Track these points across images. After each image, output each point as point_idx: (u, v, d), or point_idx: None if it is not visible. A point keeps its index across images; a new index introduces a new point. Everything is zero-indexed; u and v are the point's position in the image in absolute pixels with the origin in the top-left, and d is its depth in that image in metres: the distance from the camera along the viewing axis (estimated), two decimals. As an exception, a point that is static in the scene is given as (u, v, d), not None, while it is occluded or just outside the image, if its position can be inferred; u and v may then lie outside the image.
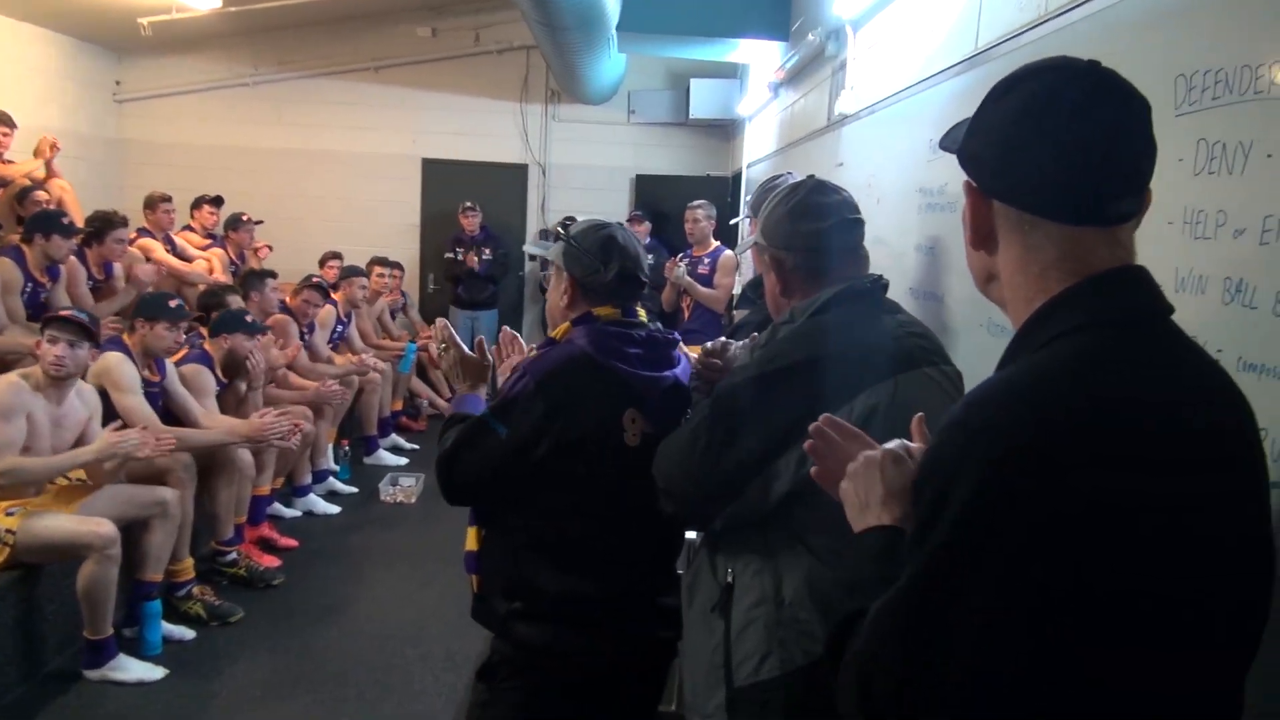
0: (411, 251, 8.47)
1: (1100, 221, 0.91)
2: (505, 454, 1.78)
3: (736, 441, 1.47)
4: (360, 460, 6.18)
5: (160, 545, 3.58)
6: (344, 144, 8.43)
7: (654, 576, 1.87)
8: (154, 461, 3.66)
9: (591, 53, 5.75)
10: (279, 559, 4.52)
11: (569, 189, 8.51)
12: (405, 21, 8.17)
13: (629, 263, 1.86)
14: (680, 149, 8.48)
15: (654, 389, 1.83)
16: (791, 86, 5.36)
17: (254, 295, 5.29)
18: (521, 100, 8.38)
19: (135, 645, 3.53)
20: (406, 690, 3.46)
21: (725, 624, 1.52)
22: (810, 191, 1.63)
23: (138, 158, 8.24)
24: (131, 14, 6.69)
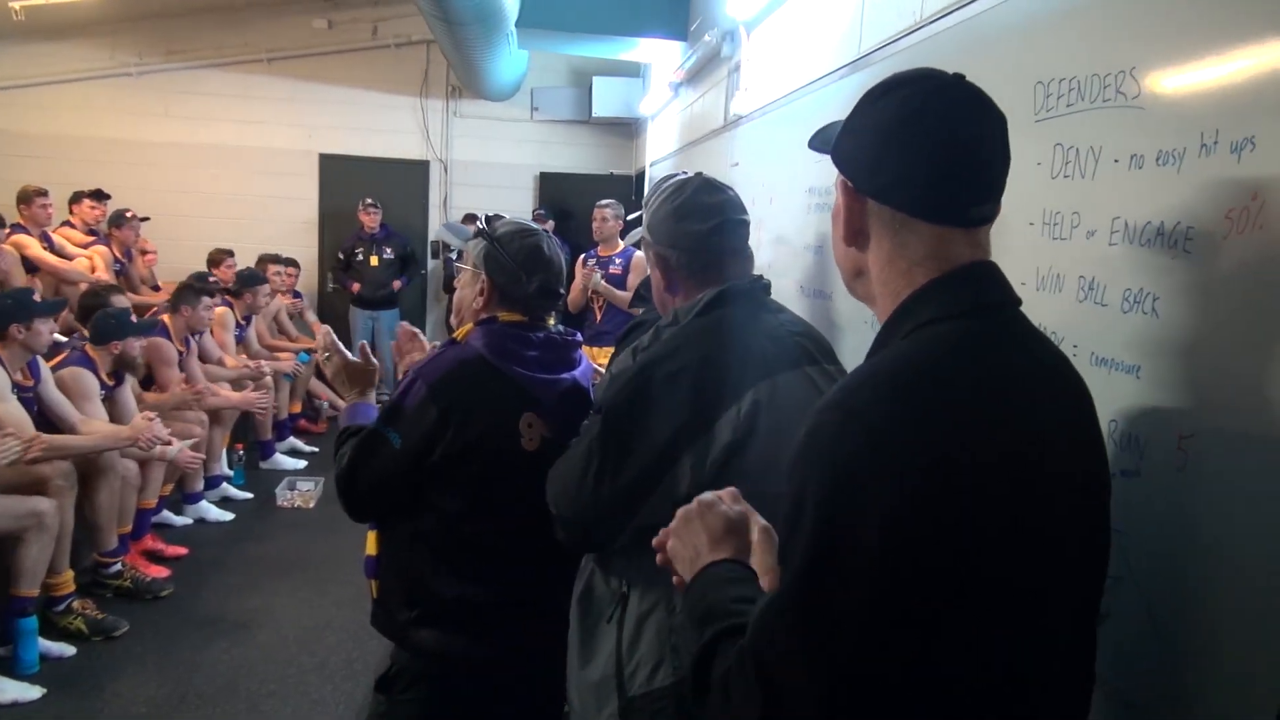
0: (310, 250, 8.27)
1: (964, 223, 0.98)
2: (402, 462, 1.76)
3: (630, 456, 1.45)
4: (256, 465, 6.00)
5: (36, 559, 3.41)
6: (236, 138, 8.15)
7: (555, 582, 1.86)
8: (30, 470, 3.49)
9: (490, 48, 5.70)
10: (168, 569, 4.36)
11: (472, 186, 8.42)
12: (300, 12, 7.96)
13: (552, 277, 1.85)
14: (584, 147, 8.47)
15: (550, 392, 1.82)
16: (691, 86, 5.42)
17: (185, 309, 5.06)
18: (422, 95, 8.25)
19: (9, 664, 3.36)
20: (303, 700, 3.38)
21: (618, 633, 1.51)
22: (696, 190, 1.64)
23: (9, 150, 7.80)
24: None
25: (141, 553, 4.37)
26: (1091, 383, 1.04)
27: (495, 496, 1.78)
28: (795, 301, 2.83)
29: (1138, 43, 1.37)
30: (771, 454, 1.46)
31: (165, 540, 4.61)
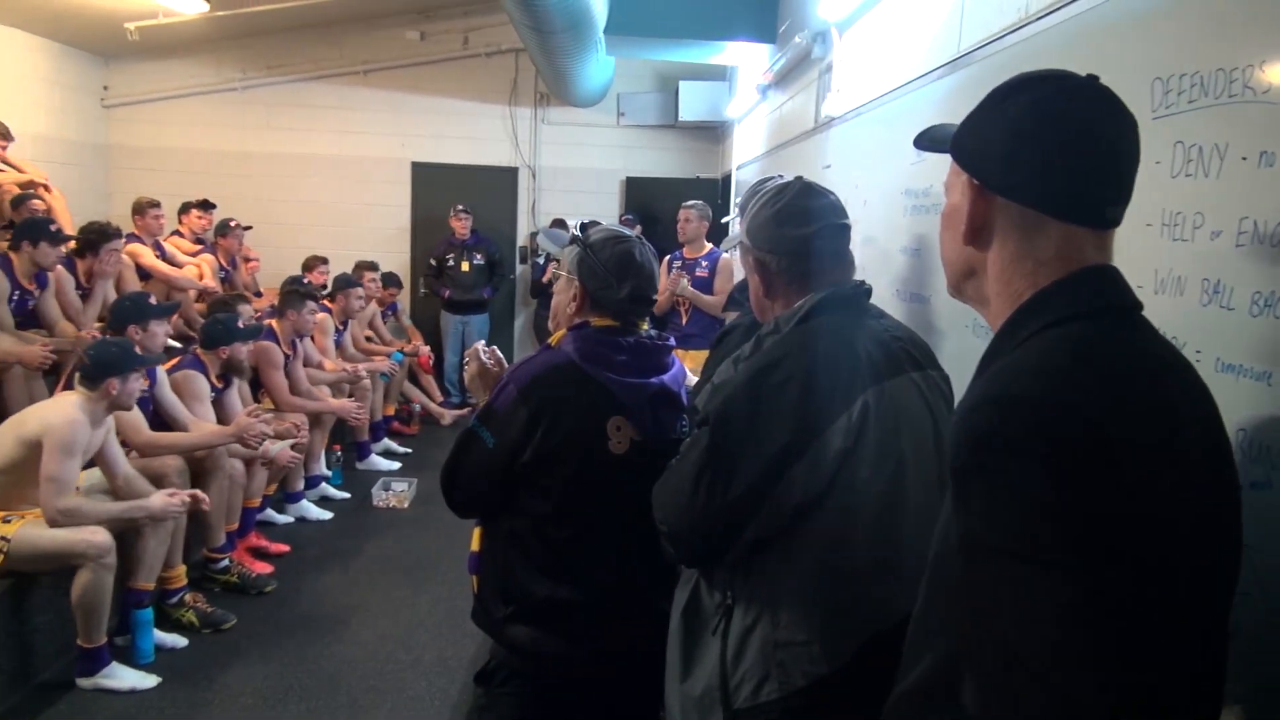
0: (402, 256, 8.47)
1: (1098, 223, 0.98)
2: (495, 462, 1.79)
3: (740, 467, 1.44)
4: (353, 465, 6.18)
5: (153, 553, 3.58)
6: (333, 148, 8.42)
7: (644, 585, 1.86)
8: (149, 466, 3.68)
9: (580, 56, 5.76)
10: (271, 566, 4.52)
11: (559, 191, 8.52)
12: (394, 25, 8.17)
13: (643, 283, 1.86)
14: (670, 151, 8.49)
15: (639, 396, 1.83)
16: (779, 89, 5.38)
17: (290, 313, 5.26)
18: (511, 103, 8.38)
19: (128, 653, 3.53)
20: (399, 696, 3.46)
21: (722, 646, 1.51)
22: (797, 194, 1.62)
23: (125, 163, 8.22)
24: (118, 18, 6.69)
25: (247, 549, 4.54)
26: (1216, 390, 0.99)
27: (584, 499, 1.80)
28: (891, 305, 2.79)
29: (1266, 34, 1.31)
30: (883, 460, 1.45)
31: (269, 538, 4.78)
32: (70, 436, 3.22)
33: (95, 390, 3.33)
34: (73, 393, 3.39)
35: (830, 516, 1.44)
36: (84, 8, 6.53)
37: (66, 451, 3.21)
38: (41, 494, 3.21)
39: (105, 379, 3.32)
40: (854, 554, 1.45)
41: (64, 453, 3.20)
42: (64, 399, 3.36)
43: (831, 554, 1.45)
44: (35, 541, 3.23)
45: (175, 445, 3.95)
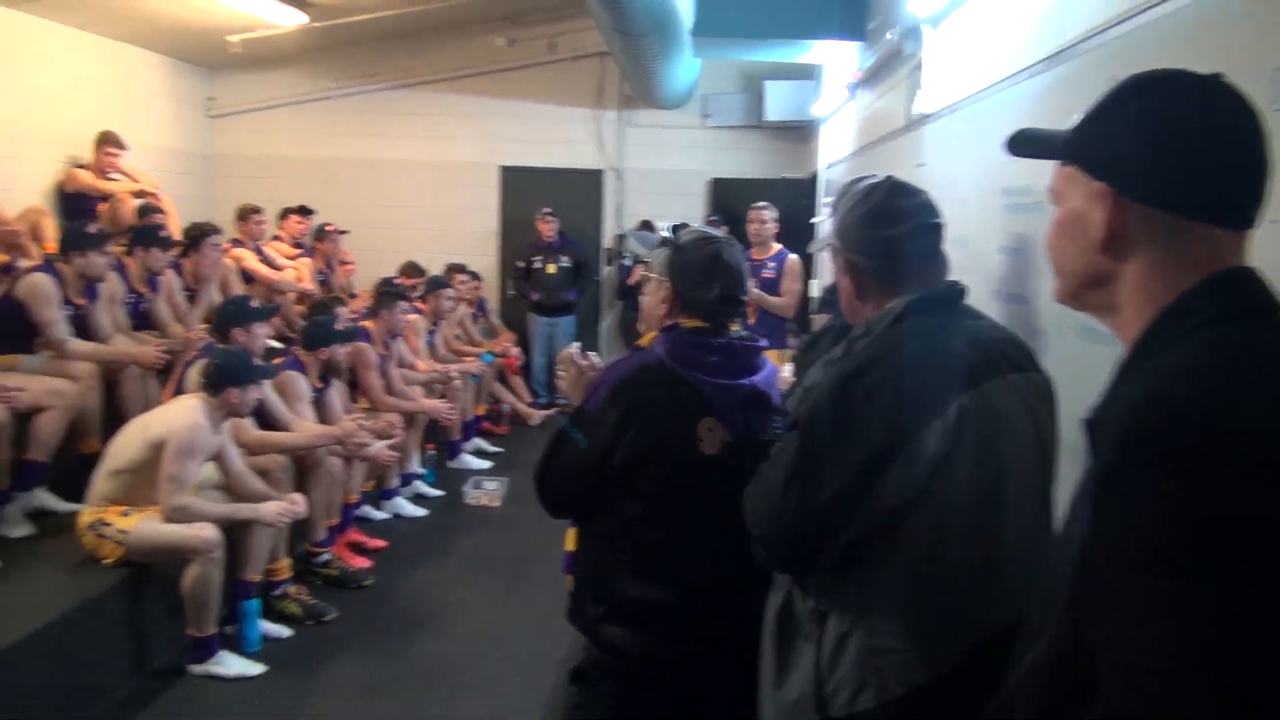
0: (490, 258, 8.62)
1: (1240, 225, 0.95)
2: (587, 463, 1.81)
3: (831, 471, 1.43)
4: (444, 464, 6.32)
5: (260, 546, 3.73)
6: (424, 153, 8.61)
7: (735, 586, 1.85)
8: (255, 464, 3.83)
9: (666, 58, 5.78)
10: (369, 561, 4.66)
11: (644, 193, 8.55)
12: (482, 32, 8.31)
13: (732, 284, 1.87)
14: (756, 152, 8.45)
15: (730, 397, 1.83)
16: (869, 87, 5.31)
17: (384, 314, 5.41)
18: (596, 106, 8.45)
19: (236, 642, 3.68)
20: (493, 691, 3.53)
21: (816, 652, 1.50)
22: (887, 194, 1.60)
23: (229, 171, 8.56)
24: (221, 32, 6.97)
25: (346, 544, 4.69)
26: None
27: (675, 500, 1.81)
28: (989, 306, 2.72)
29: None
30: (982, 464, 1.43)
31: (367, 533, 4.93)
32: (191, 440, 3.38)
33: (216, 398, 3.49)
34: (194, 398, 3.56)
35: (926, 522, 1.42)
36: (192, 23, 6.83)
37: (187, 453, 3.37)
38: (160, 492, 3.37)
39: (227, 388, 3.49)
40: (951, 560, 1.42)
41: (185, 454, 3.37)
42: (186, 404, 3.52)
43: (928, 560, 1.42)
44: (151, 536, 3.40)
45: (281, 445, 4.10)
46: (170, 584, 3.53)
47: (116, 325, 4.68)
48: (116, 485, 3.49)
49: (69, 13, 6.30)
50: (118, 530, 3.39)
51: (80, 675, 3.21)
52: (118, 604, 3.42)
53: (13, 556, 3.50)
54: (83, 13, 6.36)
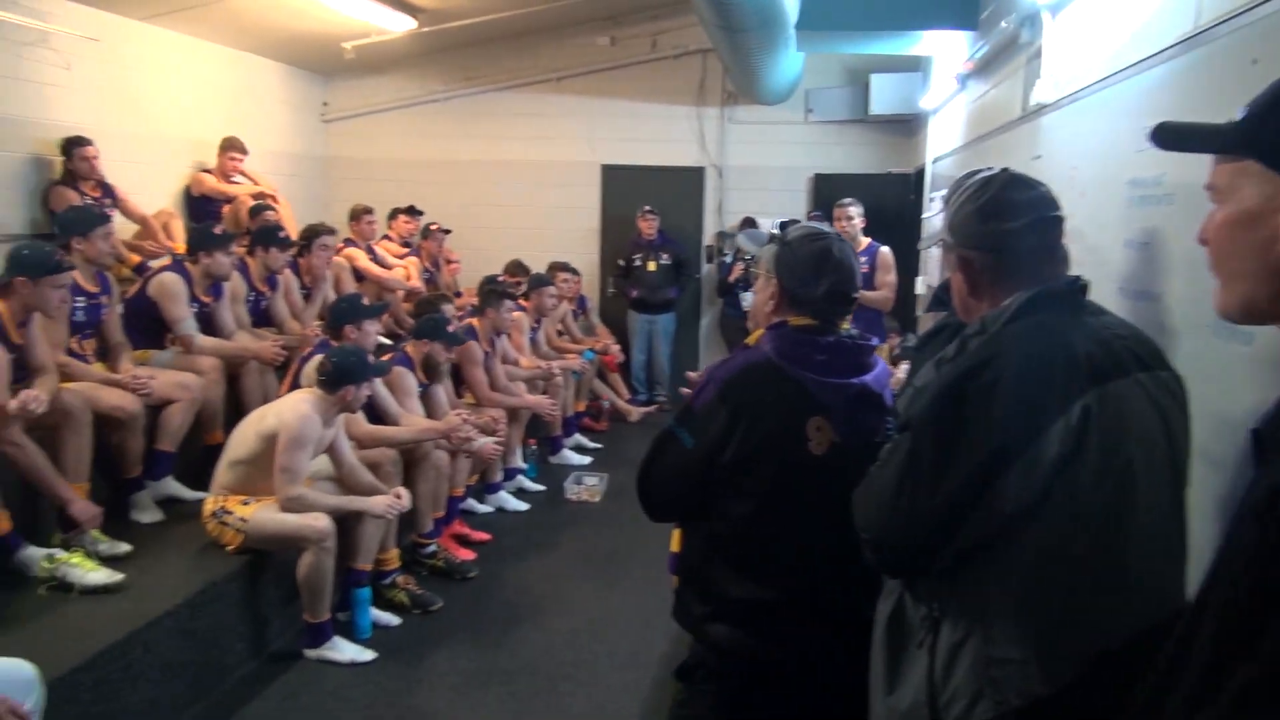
0: (591, 256, 8.69)
1: None
2: (693, 463, 1.80)
3: (945, 474, 1.39)
4: (546, 459, 6.40)
5: (371, 536, 3.84)
6: (527, 153, 8.74)
7: (842, 586, 1.81)
8: (365, 457, 3.95)
9: (770, 53, 5.71)
10: (473, 553, 4.75)
11: (746, 190, 8.48)
12: (585, 32, 8.38)
13: (842, 280, 1.83)
14: (859, 146, 8.28)
15: (839, 396, 1.80)
16: (981, 77, 5.14)
17: (490, 311, 5.51)
18: (698, 104, 8.42)
19: (348, 628, 3.81)
20: (594, 685, 3.56)
21: (929, 660, 1.45)
22: (1004, 187, 1.53)
23: (342, 172, 8.86)
24: (336, 39, 7.21)
25: (452, 536, 4.79)
26: None
27: (781, 500, 1.78)
28: (1113, 303, 2.59)
29: None
30: (1108, 467, 1.36)
31: (471, 526, 5.03)
32: (303, 432, 3.50)
33: (332, 394, 3.61)
34: (307, 392, 3.69)
35: (1047, 527, 1.36)
36: (309, 31, 7.08)
37: (299, 445, 3.50)
38: (276, 482, 3.51)
39: (343, 385, 3.61)
40: (1075, 567, 1.36)
41: (296, 446, 3.49)
42: (299, 398, 3.66)
43: (1049, 566, 1.36)
44: (267, 524, 3.54)
45: (390, 439, 4.22)
46: (287, 571, 3.68)
47: (238, 322, 4.89)
48: (236, 475, 3.65)
49: (198, 25, 6.62)
50: (238, 518, 3.55)
51: (207, 654, 3.38)
52: (239, 588, 3.58)
53: (144, 541, 3.69)
54: (210, 25, 6.67)
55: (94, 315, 4.02)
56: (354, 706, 3.37)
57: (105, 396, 3.74)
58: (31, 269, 3.31)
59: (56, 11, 5.60)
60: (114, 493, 3.90)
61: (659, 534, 2.04)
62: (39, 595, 3.17)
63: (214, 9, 6.27)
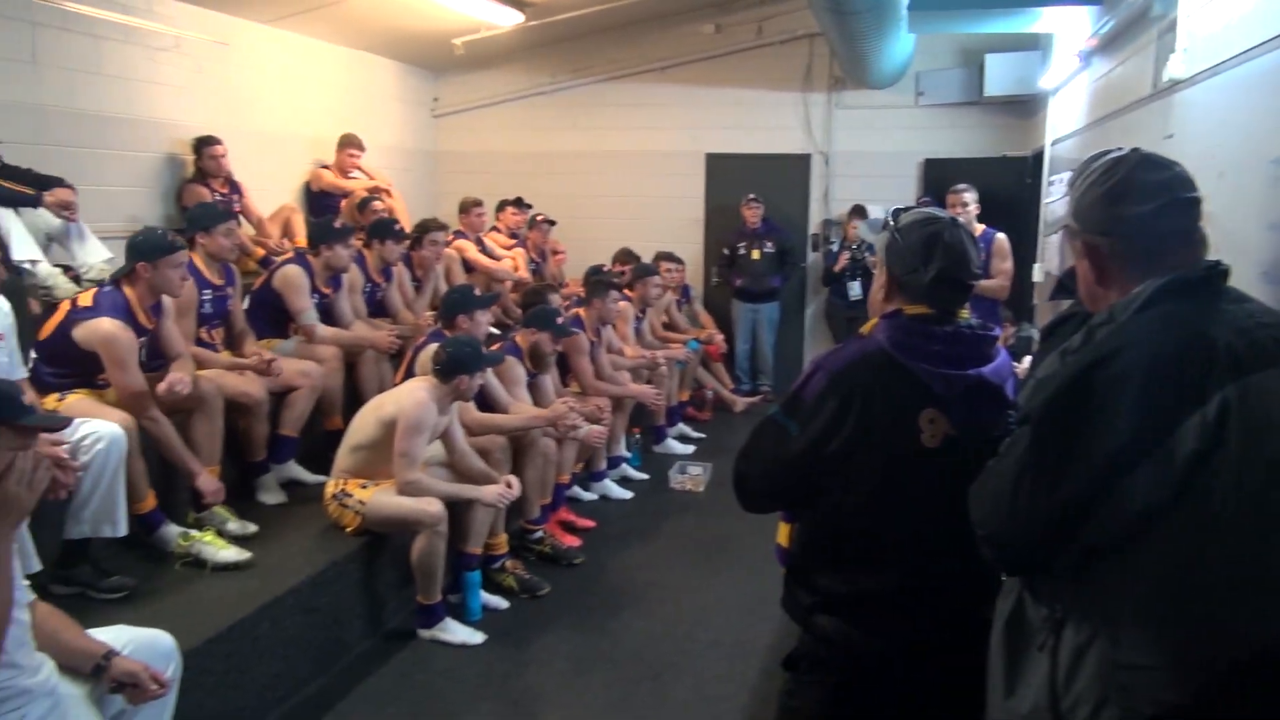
0: (695, 245, 8.67)
1: None
2: (796, 452, 1.77)
3: (1069, 470, 1.33)
4: (650, 448, 6.43)
5: (481, 521, 3.93)
6: (631, 144, 8.77)
7: (952, 580, 1.76)
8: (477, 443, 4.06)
9: (881, 36, 5.59)
10: (579, 539, 4.82)
11: (853, 177, 8.31)
12: (689, 21, 8.35)
13: (951, 265, 1.77)
14: (972, 129, 8.01)
15: (955, 387, 1.74)
16: (1105, 54, 4.90)
17: (596, 302, 5.56)
18: (804, 90, 8.29)
19: (459, 610, 3.91)
20: (700, 674, 3.56)
21: (1051, 663, 1.40)
22: (1134, 168, 1.45)
23: (451, 167, 9.07)
24: (447, 35, 7.38)
25: (558, 522, 4.86)
26: None
27: (891, 492, 1.74)
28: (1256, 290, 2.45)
29: None
30: (1250, 465, 1.28)
31: (576, 513, 5.09)
32: (420, 419, 3.61)
33: (447, 383, 3.71)
34: (423, 380, 3.80)
35: (1182, 526, 1.29)
36: (421, 29, 7.27)
37: (415, 431, 3.61)
38: (393, 467, 3.63)
39: (457, 375, 3.70)
40: (1213, 569, 1.29)
41: (413, 432, 3.60)
42: (417, 386, 3.77)
43: (1184, 568, 1.29)
44: (384, 507, 3.66)
45: (499, 426, 4.31)
46: (402, 553, 3.80)
47: (356, 312, 5.07)
48: (356, 460, 3.78)
49: (318, 26, 6.88)
50: (358, 501, 3.68)
51: (327, 630, 3.52)
52: (358, 569, 3.72)
53: (268, 521, 3.87)
54: (329, 26, 6.92)
55: (220, 306, 4.22)
56: (465, 686, 3.46)
57: (233, 383, 3.93)
58: (149, 253, 3.46)
59: (189, 18, 5.90)
60: (241, 475, 4.10)
61: (763, 524, 2.02)
62: (175, 570, 3.36)
63: (333, 10, 6.50)
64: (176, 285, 3.58)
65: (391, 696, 3.38)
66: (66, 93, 5.16)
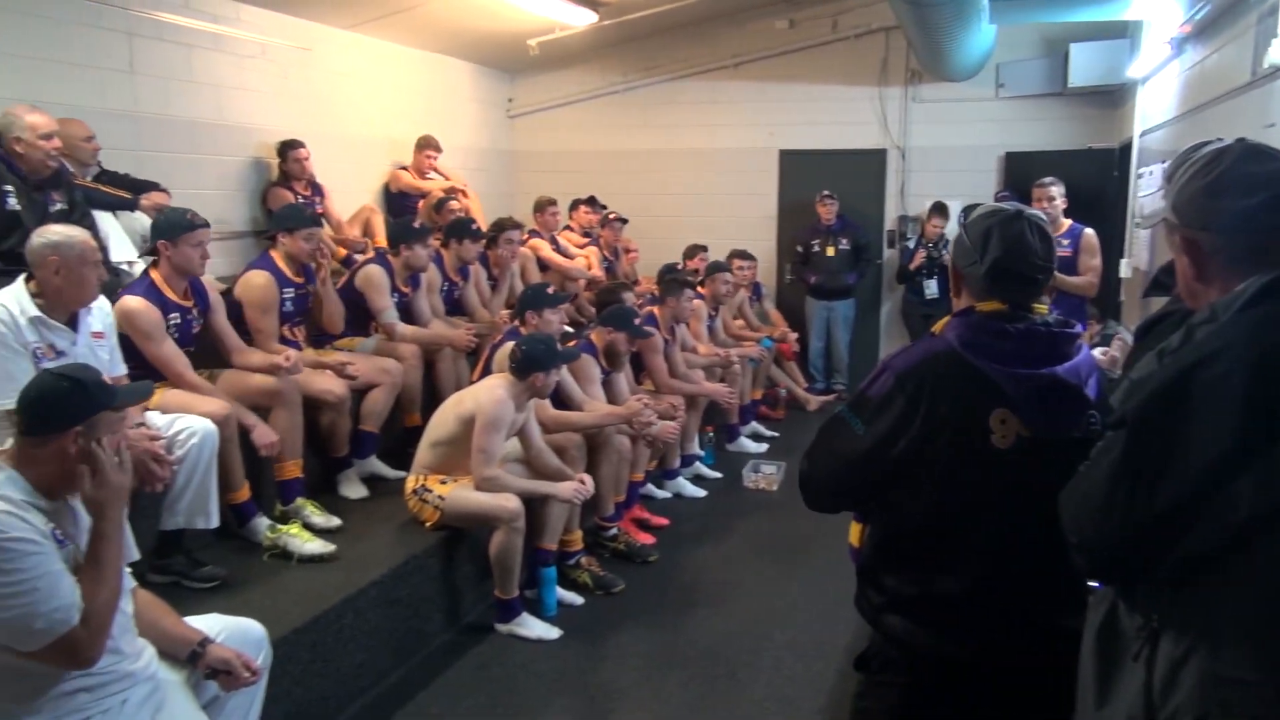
0: (768, 242, 8.61)
1: None
2: (862, 452, 1.74)
3: (1167, 475, 1.28)
4: (723, 447, 6.41)
5: (557, 517, 3.97)
6: (703, 141, 8.74)
7: (1023, 583, 1.71)
8: (553, 440, 4.10)
9: (961, 28, 5.46)
10: (653, 537, 4.82)
11: (930, 172, 8.15)
12: (762, 16, 8.29)
13: (1006, 256, 1.71)
14: (1056, 121, 7.78)
15: (1027, 387, 1.68)
16: (1200, 41, 4.72)
17: (670, 300, 5.56)
18: (880, 84, 8.16)
19: (535, 606, 3.95)
20: (776, 674, 3.54)
21: (1146, 674, 1.35)
22: (1238, 159, 1.38)
23: (526, 166, 9.17)
24: (522, 37, 7.47)
25: (632, 520, 4.88)
26: None
27: (963, 493, 1.70)
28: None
29: None
30: None
31: (650, 511, 5.10)
32: (498, 416, 3.67)
33: (523, 380, 3.76)
34: (501, 378, 3.85)
35: None
36: (497, 31, 7.36)
37: (493, 428, 3.66)
38: (472, 462, 3.68)
39: (533, 372, 3.75)
40: None
41: (491, 429, 3.66)
42: (494, 383, 3.82)
43: None
44: (462, 503, 3.72)
45: (575, 423, 4.35)
46: (480, 548, 3.86)
47: (434, 311, 5.15)
48: (435, 455, 3.85)
49: (396, 30, 7.02)
50: (437, 496, 3.75)
51: (408, 622, 3.59)
52: (437, 562, 3.78)
53: (351, 515, 3.96)
54: (407, 30, 7.05)
55: (301, 304, 4.32)
56: (542, 680, 3.50)
57: (316, 380, 4.03)
58: (167, 231, 3.50)
59: (274, 26, 6.08)
60: (324, 470, 4.21)
61: (838, 524, 2.00)
62: (263, 561, 3.47)
63: (412, 15, 6.62)
64: (197, 263, 3.61)
65: (469, 689, 3.43)
66: (161, 100, 5.37)
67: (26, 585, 1.84)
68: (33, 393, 2.01)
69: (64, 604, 1.88)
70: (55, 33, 4.74)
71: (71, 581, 1.92)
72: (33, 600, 1.84)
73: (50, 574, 1.88)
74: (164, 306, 3.50)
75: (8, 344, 2.83)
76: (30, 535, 1.87)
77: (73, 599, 1.90)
